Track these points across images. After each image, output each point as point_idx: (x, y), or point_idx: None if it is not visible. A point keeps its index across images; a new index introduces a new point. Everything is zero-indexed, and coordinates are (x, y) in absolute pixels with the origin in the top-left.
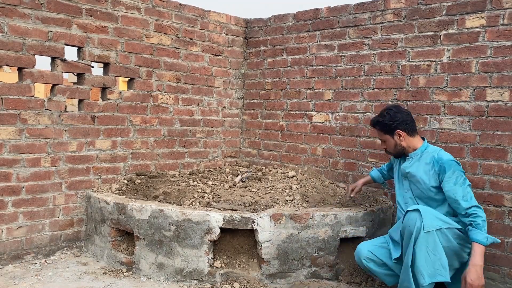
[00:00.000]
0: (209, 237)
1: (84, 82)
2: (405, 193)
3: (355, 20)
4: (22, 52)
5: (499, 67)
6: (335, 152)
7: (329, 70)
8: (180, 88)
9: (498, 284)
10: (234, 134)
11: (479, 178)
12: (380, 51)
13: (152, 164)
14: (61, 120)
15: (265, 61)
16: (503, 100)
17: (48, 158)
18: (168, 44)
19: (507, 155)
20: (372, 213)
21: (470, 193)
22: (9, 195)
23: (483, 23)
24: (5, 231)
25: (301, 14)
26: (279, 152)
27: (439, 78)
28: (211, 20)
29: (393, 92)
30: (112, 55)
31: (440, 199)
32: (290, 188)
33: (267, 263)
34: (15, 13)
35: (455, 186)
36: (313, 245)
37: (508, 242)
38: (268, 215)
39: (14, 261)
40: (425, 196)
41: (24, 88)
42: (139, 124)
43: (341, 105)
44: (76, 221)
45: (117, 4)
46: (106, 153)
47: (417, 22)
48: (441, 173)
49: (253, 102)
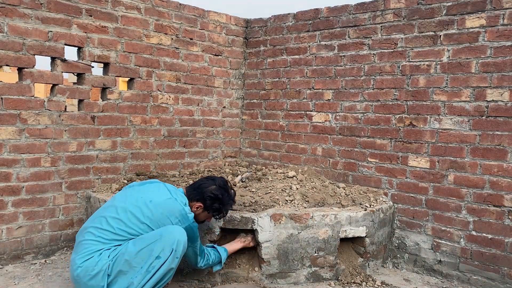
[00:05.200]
0: (210, 237)
1: (84, 82)
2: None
3: (355, 20)
4: (22, 52)
5: (499, 67)
6: (335, 152)
7: (329, 70)
8: (180, 88)
9: (498, 284)
10: (234, 134)
11: (479, 178)
12: (380, 51)
13: (152, 164)
14: (61, 120)
15: (265, 61)
16: (503, 100)
17: (48, 158)
18: (168, 44)
19: (507, 155)
20: (372, 213)
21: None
22: (9, 195)
23: (483, 23)
24: (5, 231)
25: (301, 14)
26: (279, 152)
27: (439, 78)
28: (211, 20)
29: (393, 92)
30: (112, 55)
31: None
32: (290, 188)
33: (267, 263)
34: (15, 13)
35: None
36: (313, 245)
37: (508, 242)
38: (268, 215)
39: (14, 261)
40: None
41: (24, 88)
42: (139, 124)
43: (341, 105)
44: (76, 221)
45: (117, 4)
46: (106, 153)
47: (417, 22)
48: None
49: (253, 102)
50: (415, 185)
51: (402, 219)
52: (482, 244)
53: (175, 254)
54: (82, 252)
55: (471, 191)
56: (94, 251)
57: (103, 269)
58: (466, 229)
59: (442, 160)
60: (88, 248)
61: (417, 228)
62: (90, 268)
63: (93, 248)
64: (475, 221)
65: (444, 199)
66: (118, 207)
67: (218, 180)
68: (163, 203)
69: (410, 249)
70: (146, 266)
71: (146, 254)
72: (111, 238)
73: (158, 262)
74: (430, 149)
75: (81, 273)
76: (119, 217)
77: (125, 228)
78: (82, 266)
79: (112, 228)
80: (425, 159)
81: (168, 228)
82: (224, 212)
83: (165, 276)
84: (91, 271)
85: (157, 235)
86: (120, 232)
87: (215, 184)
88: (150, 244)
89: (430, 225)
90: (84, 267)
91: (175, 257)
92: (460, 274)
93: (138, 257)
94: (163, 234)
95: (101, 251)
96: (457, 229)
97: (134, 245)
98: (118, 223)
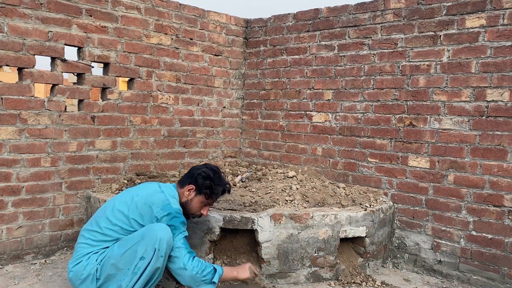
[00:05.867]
0: (210, 237)
1: (84, 82)
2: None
3: (355, 20)
4: (22, 52)
5: (499, 67)
6: (335, 152)
7: (329, 70)
8: (180, 88)
9: (498, 284)
10: (234, 134)
11: (479, 178)
12: (380, 51)
13: (152, 164)
14: (61, 120)
15: (265, 61)
16: (503, 100)
17: (48, 158)
18: (168, 44)
19: (507, 155)
20: (372, 213)
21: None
22: (9, 195)
23: (483, 23)
24: (5, 231)
25: (301, 14)
26: (279, 152)
27: (439, 78)
28: (211, 20)
29: (393, 92)
30: (112, 55)
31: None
32: (290, 188)
33: (267, 263)
34: (15, 13)
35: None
36: (313, 245)
37: (508, 242)
38: (268, 215)
39: (14, 261)
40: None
41: (24, 88)
42: (139, 124)
43: (341, 105)
44: (76, 221)
45: (117, 4)
46: (106, 153)
47: (417, 22)
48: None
49: (253, 102)
50: (415, 185)
51: (402, 219)
52: (482, 244)
53: (159, 253)
54: (74, 256)
55: (471, 191)
56: (83, 254)
57: (91, 273)
58: (466, 229)
59: (442, 160)
60: (78, 252)
61: (417, 228)
62: (79, 272)
63: (83, 251)
64: (475, 221)
65: (444, 199)
66: (107, 206)
67: (210, 165)
68: (148, 195)
69: (410, 249)
70: (132, 268)
71: (131, 255)
72: (99, 239)
73: (142, 263)
74: (430, 149)
75: (72, 277)
76: (107, 215)
77: (111, 227)
78: (73, 271)
79: (100, 228)
80: (425, 159)
81: (150, 227)
82: (216, 193)
83: (153, 276)
84: (80, 275)
85: (139, 235)
86: (107, 232)
87: (206, 166)
88: (133, 245)
89: (430, 225)
90: (75, 272)
91: (159, 256)
92: (460, 274)
93: (123, 259)
94: (145, 234)
95: (89, 255)
96: (457, 229)
97: (119, 247)
98: (105, 222)
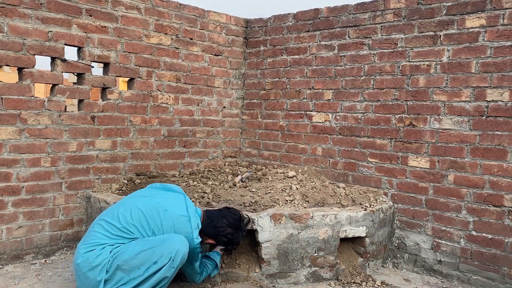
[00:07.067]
0: None
1: (84, 82)
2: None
3: (355, 20)
4: (22, 52)
5: (499, 67)
6: (335, 152)
7: (329, 70)
8: (180, 88)
9: (498, 284)
10: (234, 134)
11: (479, 178)
12: (380, 51)
13: (152, 164)
14: (61, 120)
15: (265, 61)
16: (503, 100)
17: (48, 158)
18: (168, 44)
19: (507, 155)
20: (372, 213)
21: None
22: (9, 195)
23: (483, 23)
24: (5, 231)
25: (301, 14)
26: (279, 152)
27: (439, 78)
28: (211, 20)
29: (393, 92)
30: (112, 55)
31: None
32: (290, 188)
33: (267, 263)
34: (15, 13)
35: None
36: (313, 245)
37: (508, 242)
38: (268, 215)
39: (14, 261)
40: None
41: (24, 88)
42: (139, 124)
43: (341, 105)
44: (76, 221)
45: (117, 4)
46: (106, 153)
47: (417, 22)
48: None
49: (253, 102)
50: (415, 185)
51: (402, 219)
52: (482, 244)
53: (172, 263)
54: (88, 242)
55: (471, 191)
56: (98, 244)
57: (102, 263)
58: (466, 229)
59: (442, 160)
60: (93, 240)
61: (417, 228)
62: (91, 259)
63: (98, 241)
64: (475, 221)
65: (444, 199)
66: (133, 205)
67: (232, 219)
68: (176, 218)
69: (410, 249)
70: (143, 269)
71: (145, 257)
72: (117, 234)
73: (154, 267)
74: (430, 149)
75: (81, 263)
76: (131, 215)
77: (130, 228)
78: (84, 256)
79: (120, 223)
80: (425, 159)
81: (171, 236)
82: (232, 249)
83: (159, 284)
84: (91, 262)
85: (159, 240)
86: (126, 230)
87: (230, 226)
88: (151, 248)
89: (430, 225)
90: (86, 258)
91: (171, 267)
92: (460, 274)
93: (137, 258)
94: (165, 240)
95: (104, 246)
96: (457, 229)
97: (136, 245)
98: (126, 220)
